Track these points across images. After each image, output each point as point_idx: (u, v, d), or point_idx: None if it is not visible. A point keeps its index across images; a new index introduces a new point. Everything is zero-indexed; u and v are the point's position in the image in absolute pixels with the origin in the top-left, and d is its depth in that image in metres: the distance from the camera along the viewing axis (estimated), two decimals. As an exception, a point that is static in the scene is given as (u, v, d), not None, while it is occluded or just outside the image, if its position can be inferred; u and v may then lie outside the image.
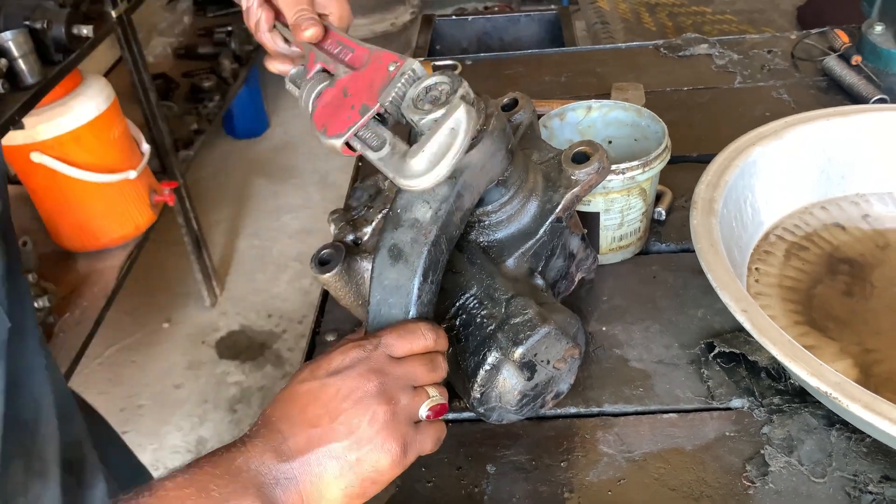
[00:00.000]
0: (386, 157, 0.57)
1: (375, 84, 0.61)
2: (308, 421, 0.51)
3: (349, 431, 0.50)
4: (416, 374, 0.54)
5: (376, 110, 0.59)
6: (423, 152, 0.55)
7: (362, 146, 0.59)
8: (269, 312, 2.29)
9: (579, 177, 0.69)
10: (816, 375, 0.59)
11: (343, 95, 0.63)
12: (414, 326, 0.56)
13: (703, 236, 0.74)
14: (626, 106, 0.91)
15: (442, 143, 0.55)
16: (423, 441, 0.54)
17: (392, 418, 0.51)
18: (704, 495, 0.64)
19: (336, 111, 0.62)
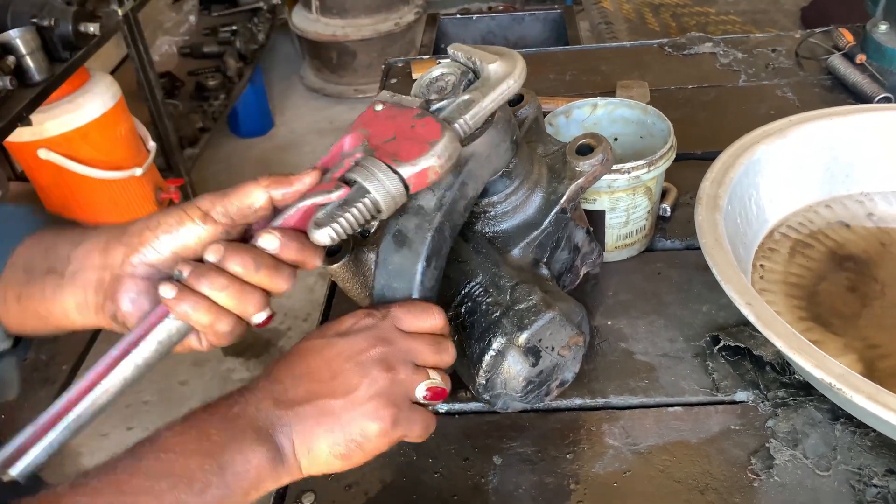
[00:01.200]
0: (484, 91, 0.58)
1: (393, 115, 0.58)
2: (310, 374, 0.52)
3: (346, 391, 0.51)
4: (421, 352, 0.55)
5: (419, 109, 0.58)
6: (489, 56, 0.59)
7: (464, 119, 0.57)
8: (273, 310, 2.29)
9: (583, 168, 0.69)
10: (821, 367, 0.59)
11: (394, 139, 0.55)
12: (425, 305, 0.57)
13: (707, 232, 0.75)
14: (632, 104, 0.91)
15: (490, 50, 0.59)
16: (413, 423, 0.53)
17: (389, 387, 0.52)
18: (710, 488, 0.64)
19: (411, 142, 0.54)
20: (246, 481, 0.49)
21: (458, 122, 0.57)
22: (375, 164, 0.53)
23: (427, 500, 0.66)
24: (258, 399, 0.51)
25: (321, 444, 0.51)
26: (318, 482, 0.68)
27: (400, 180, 0.53)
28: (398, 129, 0.56)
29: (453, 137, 0.55)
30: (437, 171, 0.54)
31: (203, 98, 2.79)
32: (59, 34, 1.68)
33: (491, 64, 0.59)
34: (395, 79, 1.37)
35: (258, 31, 3.20)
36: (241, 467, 0.48)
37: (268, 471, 0.49)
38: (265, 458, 0.49)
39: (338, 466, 0.52)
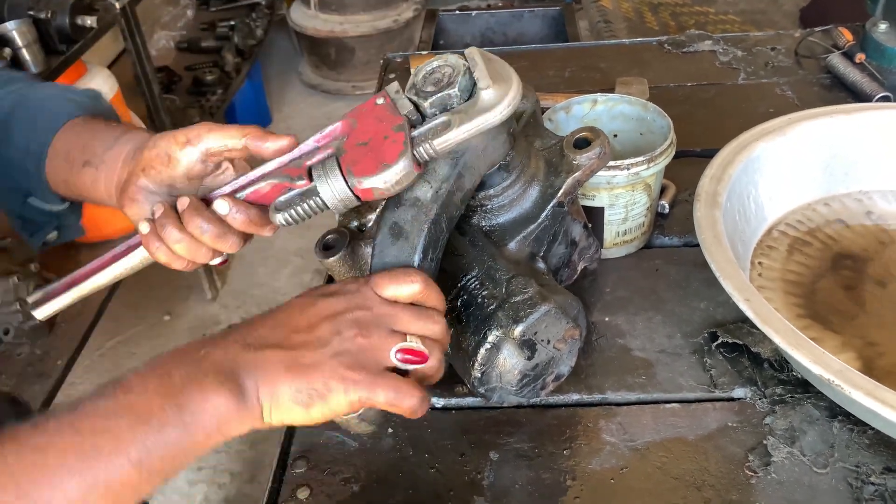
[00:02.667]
0: (462, 119, 0.56)
1: (382, 116, 0.58)
2: (287, 325, 0.53)
3: (317, 345, 0.52)
4: (399, 318, 0.54)
5: (405, 122, 0.57)
6: (487, 81, 0.56)
7: (430, 143, 0.56)
8: (270, 306, 2.28)
9: (581, 161, 0.69)
10: (819, 363, 0.59)
11: (364, 146, 0.57)
12: (405, 270, 0.57)
13: (706, 228, 0.75)
14: (632, 100, 0.91)
15: (493, 68, 0.57)
16: (378, 387, 0.52)
17: (357, 348, 0.52)
18: (707, 484, 0.64)
19: (375, 154, 0.56)
20: (206, 421, 0.49)
21: (423, 146, 0.57)
22: (333, 169, 0.57)
23: (423, 495, 0.66)
24: (227, 343, 0.52)
25: (284, 390, 0.51)
26: (313, 477, 0.68)
27: (349, 190, 0.57)
28: (376, 134, 0.57)
29: (407, 165, 0.56)
30: (381, 192, 0.56)
31: (200, 93, 2.78)
32: (56, 26, 1.67)
33: (483, 90, 0.56)
34: (394, 74, 1.36)
35: (256, 27, 3.19)
36: (200, 406, 0.49)
37: (230, 412, 0.49)
38: (227, 399, 0.49)
39: (299, 416, 0.51)
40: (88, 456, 0.46)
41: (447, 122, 0.57)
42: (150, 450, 0.47)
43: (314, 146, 0.60)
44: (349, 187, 0.56)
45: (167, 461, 0.48)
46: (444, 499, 0.65)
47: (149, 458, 0.47)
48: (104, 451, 0.46)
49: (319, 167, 0.57)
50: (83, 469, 0.46)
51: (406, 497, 0.65)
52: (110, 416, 0.47)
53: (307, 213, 0.59)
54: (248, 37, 3.08)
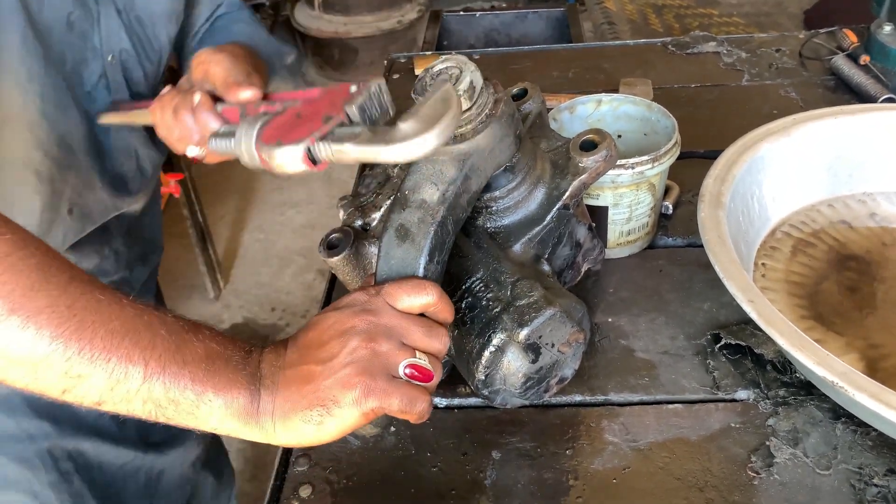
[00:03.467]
0: (367, 137, 0.52)
1: (337, 102, 0.56)
2: (304, 344, 0.54)
3: (327, 358, 0.52)
4: (410, 332, 0.54)
5: (341, 118, 0.54)
6: (414, 116, 0.52)
7: (332, 144, 0.53)
8: (272, 306, 2.29)
9: (587, 164, 0.69)
10: (823, 365, 0.59)
11: (297, 118, 0.57)
12: (419, 282, 0.57)
13: (710, 229, 0.75)
14: (637, 100, 0.91)
15: (435, 109, 0.52)
16: (390, 394, 0.51)
17: (367, 357, 0.52)
18: (709, 485, 0.64)
19: (291, 129, 0.55)
20: (215, 399, 0.50)
21: (322, 144, 0.53)
22: (252, 129, 0.57)
23: (425, 493, 0.66)
24: (265, 354, 0.54)
25: (296, 409, 0.51)
26: (315, 475, 0.68)
27: (253, 147, 0.57)
28: (313, 114, 0.56)
29: (293, 154, 0.53)
30: (269, 166, 0.55)
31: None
32: (61, 26, 1.67)
33: (403, 122, 0.51)
34: (398, 74, 1.36)
35: (260, 27, 3.19)
36: (221, 385, 0.51)
37: (237, 410, 0.51)
38: (242, 397, 0.51)
39: (310, 434, 0.51)
40: (128, 334, 0.49)
41: (357, 134, 0.52)
42: (163, 375, 0.49)
43: (284, 99, 0.64)
44: (254, 147, 0.56)
45: (165, 398, 0.49)
46: (446, 498, 0.65)
47: (157, 379, 0.49)
48: (139, 343, 0.49)
49: (251, 119, 0.58)
50: (115, 337, 0.48)
51: (408, 496, 0.66)
52: (165, 329, 0.50)
53: (227, 150, 0.60)
54: (252, 37, 3.08)
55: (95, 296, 0.49)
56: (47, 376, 0.47)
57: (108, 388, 0.48)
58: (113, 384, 0.48)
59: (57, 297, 0.47)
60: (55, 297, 0.47)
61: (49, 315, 0.46)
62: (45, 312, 0.46)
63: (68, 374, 0.47)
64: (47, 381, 0.48)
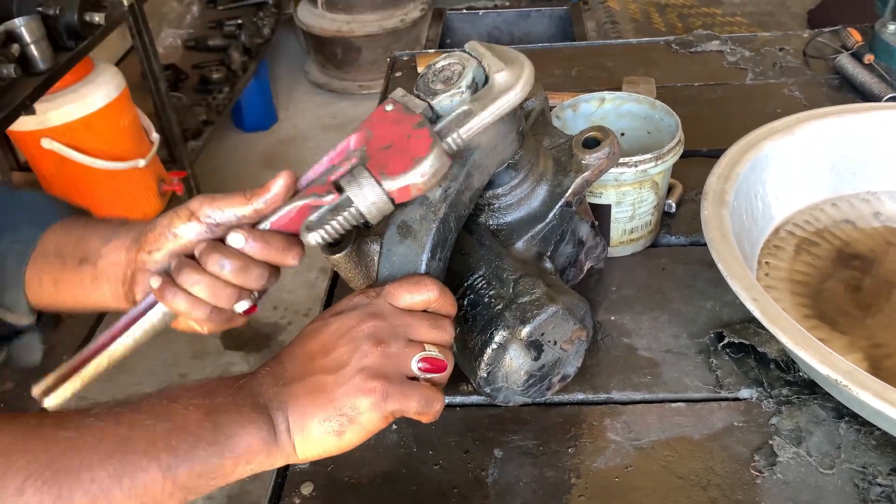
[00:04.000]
0: (484, 104, 0.56)
1: (398, 118, 0.57)
2: (306, 354, 0.53)
3: (337, 366, 0.51)
4: (416, 328, 0.54)
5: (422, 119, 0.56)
6: (497, 65, 0.56)
7: (457, 132, 0.55)
8: (274, 304, 2.29)
9: (590, 161, 0.69)
10: (827, 364, 0.59)
11: (388, 148, 0.56)
12: (419, 278, 0.56)
13: (713, 227, 0.74)
14: (640, 98, 0.91)
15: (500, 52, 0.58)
16: (408, 396, 0.52)
17: (379, 360, 0.51)
18: (712, 484, 0.64)
19: (401, 153, 0.55)
20: (237, 447, 0.49)
21: (451, 137, 0.56)
22: (363, 175, 0.54)
23: (427, 491, 0.65)
24: (261, 376, 0.52)
25: (313, 421, 0.50)
26: (317, 472, 0.68)
27: (384, 193, 0.54)
28: (396, 136, 0.56)
29: (440, 155, 0.54)
30: (419, 187, 0.54)
31: (207, 91, 2.79)
32: (65, 23, 1.67)
33: (497, 73, 0.56)
34: (400, 72, 1.36)
35: (263, 26, 3.20)
36: (235, 432, 0.49)
37: (259, 445, 0.50)
38: (259, 430, 0.50)
39: (332, 445, 0.51)
40: (122, 447, 0.46)
41: (468, 111, 0.56)
42: (179, 459, 0.47)
43: (328, 166, 0.57)
44: (383, 190, 0.54)
45: (192, 477, 0.48)
46: (447, 496, 0.65)
47: (176, 467, 0.47)
48: (137, 448, 0.46)
49: (348, 176, 0.55)
50: (114, 458, 0.46)
51: (410, 493, 0.65)
52: (150, 418, 0.48)
53: (342, 227, 0.55)
54: (255, 35, 3.09)
55: (61, 436, 0.46)
56: None
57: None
58: (137, 501, 0.46)
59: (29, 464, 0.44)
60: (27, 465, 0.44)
61: (35, 486, 0.43)
62: (29, 486, 0.43)
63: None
64: None
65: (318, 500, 0.66)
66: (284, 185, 0.55)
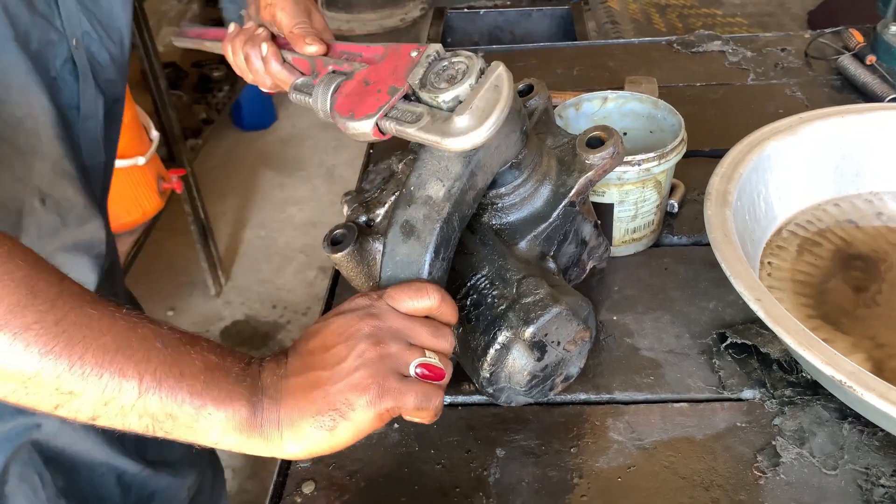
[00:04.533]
0: (427, 125, 0.57)
1: (399, 69, 0.61)
2: (307, 351, 0.54)
3: (334, 363, 0.51)
4: (416, 333, 0.54)
5: (405, 90, 0.60)
6: (469, 109, 0.55)
7: (397, 125, 0.58)
8: (273, 303, 2.29)
9: (594, 161, 0.68)
10: (831, 364, 0.59)
11: (365, 85, 0.62)
12: (421, 285, 0.56)
13: (717, 227, 0.74)
14: (643, 98, 0.91)
15: (487, 99, 0.56)
16: (404, 393, 0.52)
17: (377, 360, 0.51)
18: (715, 484, 0.63)
19: (361, 98, 0.61)
20: (214, 412, 0.49)
21: (389, 122, 0.59)
22: (328, 90, 0.64)
23: (428, 491, 0.65)
24: (265, 364, 0.53)
25: (305, 416, 0.50)
26: (318, 471, 0.67)
27: (328, 110, 0.64)
28: (379, 81, 0.62)
29: (366, 127, 0.60)
30: (341, 129, 0.62)
31: (207, 89, 2.78)
32: (64, 20, 1.66)
33: (458, 115, 0.55)
34: (402, 71, 1.36)
35: (263, 24, 3.18)
36: (221, 399, 0.49)
37: (238, 422, 0.50)
38: (242, 409, 0.50)
39: (323, 441, 0.51)
40: (121, 348, 0.47)
41: (419, 115, 0.57)
42: (159, 389, 0.48)
43: (346, 52, 0.70)
44: (329, 107, 0.63)
45: (162, 413, 0.48)
46: (449, 495, 0.65)
47: (153, 393, 0.48)
48: (133, 357, 0.48)
49: (325, 80, 0.65)
50: (108, 352, 0.47)
51: (411, 492, 0.65)
52: (161, 342, 0.49)
53: (305, 104, 0.68)
54: (255, 34, 3.08)
55: (86, 310, 0.48)
56: (38, 392, 0.47)
57: (102, 404, 0.47)
58: (107, 399, 0.47)
59: (45, 313, 0.46)
60: (43, 313, 0.46)
61: (37, 331, 0.45)
62: (34, 329, 0.45)
63: (59, 390, 0.46)
64: (38, 397, 0.47)
65: (320, 498, 0.65)
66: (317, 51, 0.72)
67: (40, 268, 0.48)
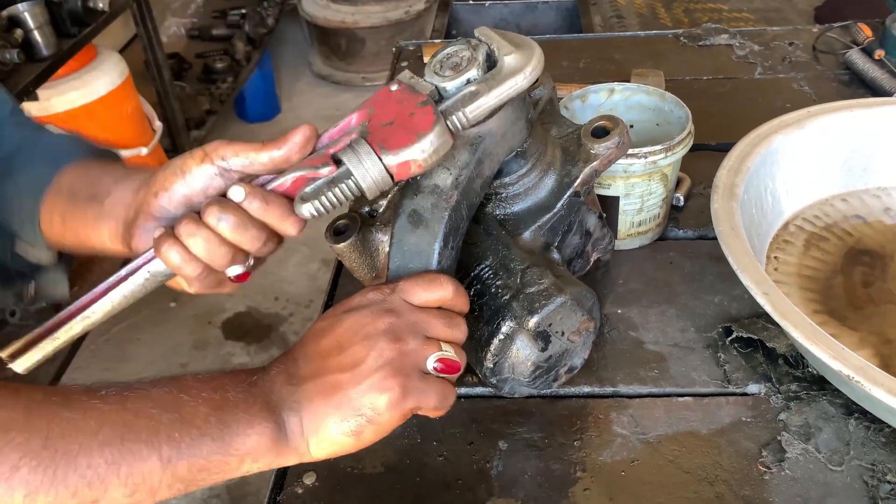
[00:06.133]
0: (492, 84, 0.55)
1: (402, 97, 0.56)
2: (320, 352, 0.52)
3: (354, 364, 0.50)
4: (432, 325, 0.53)
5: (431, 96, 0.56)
6: (507, 48, 0.56)
7: (463, 111, 0.54)
8: (275, 295, 2.29)
9: (599, 151, 0.68)
10: (839, 359, 0.58)
11: (391, 125, 0.54)
12: (433, 276, 0.55)
13: (723, 220, 0.73)
14: (650, 90, 0.90)
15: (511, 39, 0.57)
16: (426, 392, 0.51)
17: (397, 357, 0.50)
18: (719, 479, 0.63)
19: (404, 129, 0.53)
20: (243, 446, 0.48)
21: (455, 116, 0.55)
22: (363, 147, 0.53)
23: (430, 483, 0.65)
24: (274, 374, 0.51)
25: (330, 422, 0.49)
26: (319, 462, 0.67)
27: (383, 167, 0.53)
28: (399, 114, 0.55)
29: (442, 132, 0.53)
30: (419, 164, 0.53)
31: (210, 80, 2.78)
32: (68, 9, 1.66)
33: (506, 56, 0.55)
34: (406, 62, 1.35)
35: (267, 16, 3.18)
36: (242, 431, 0.48)
37: (267, 445, 0.49)
38: (268, 430, 0.48)
39: (350, 445, 0.50)
40: (124, 434, 0.45)
41: (474, 91, 0.55)
42: (181, 453, 0.46)
43: (328, 141, 0.56)
44: (383, 164, 0.53)
45: (193, 471, 0.47)
46: (451, 487, 0.64)
47: (177, 460, 0.46)
48: (140, 437, 0.45)
49: (348, 150, 0.53)
50: (114, 445, 0.45)
51: (413, 484, 0.65)
52: (157, 406, 0.47)
53: (337, 201, 0.54)
54: (259, 25, 3.07)
55: (64, 416, 0.44)
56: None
57: (129, 495, 0.45)
58: (132, 490, 0.45)
59: (26, 443, 0.42)
60: (24, 444, 0.42)
61: (29, 467, 0.42)
62: (24, 465, 0.42)
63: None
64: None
65: (321, 490, 0.65)
66: (304, 137, 0.54)
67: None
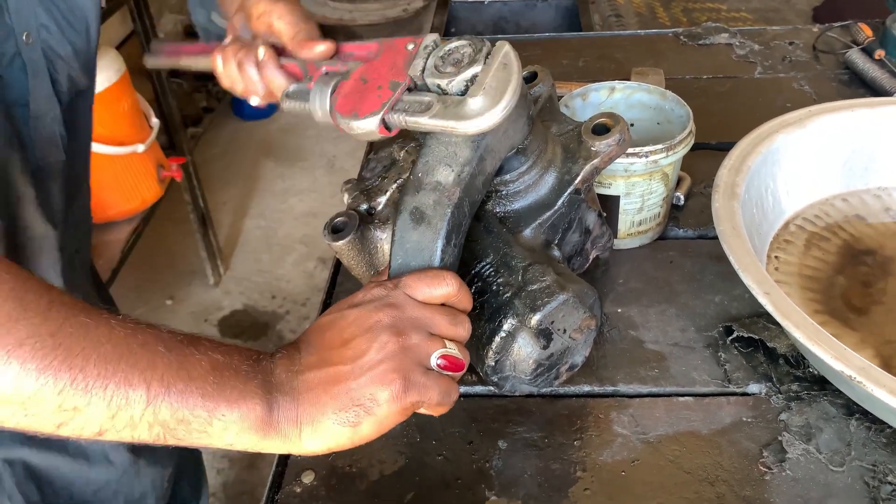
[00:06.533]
0: (439, 112, 0.55)
1: (398, 64, 0.59)
2: (323, 344, 0.52)
3: (355, 356, 0.50)
4: (435, 321, 0.53)
5: (407, 83, 0.58)
6: (483, 90, 0.54)
7: (406, 116, 0.57)
8: (272, 293, 2.28)
9: (599, 148, 0.67)
10: (841, 359, 0.58)
11: (363, 83, 0.61)
12: (437, 272, 0.55)
13: (724, 219, 0.73)
14: (651, 88, 0.90)
15: (499, 79, 0.55)
16: (429, 388, 0.50)
17: (399, 352, 0.50)
18: (720, 479, 0.62)
19: (362, 97, 0.59)
20: (228, 414, 0.47)
21: (397, 115, 0.57)
22: (325, 91, 0.62)
23: (430, 482, 0.64)
24: (277, 359, 0.51)
25: (326, 412, 0.49)
26: (318, 461, 0.66)
27: (328, 112, 0.62)
28: (378, 78, 0.60)
29: (372, 124, 0.58)
30: (346, 132, 0.60)
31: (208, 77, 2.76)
32: (65, 5, 1.65)
33: (472, 97, 0.55)
34: (405, 60, 1.35)
35: (265, 13, 3.17)
36: (234, 399, 0.47)
37: (253, 422, 0.48)
38: (257, 408, 0.48)
39: (346, 438, 0.49)
40: (123, 356, 0.45)
41: (429, 104, 0.56)
42: (169, 395, 0.46)
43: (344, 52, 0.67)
44: (329, 108, 0.61)
45: (173, 419, 0.46)
46: (451, 486, 0.64)
47: (162, 400, 0.46)
48: (137, 365, 0.45)
49: (321, 81, 0.62)
50: (110, 362, 0.45)
51: (413, 483, 0.64)
52: (164, 346, 0.47)
53: (301, 111, 0.65)
54: (256, 22, 3.06)
55: (80, 319, 0.45)
56: (39, 412, 0.44)
57: (109, 417, 0.45)
58: (114, 412, 0.45)
59: (38, 326, 0.43)
60: (36, 326, 0.43)
61: (32, 347, 0.43)
62: (28, 344, 0.43)
63: (62, 407, 0.44)
64: (39, 418, 0.44)
65: (320, 489, 0.65)
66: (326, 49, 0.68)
67: (26, 278, 0.45)
